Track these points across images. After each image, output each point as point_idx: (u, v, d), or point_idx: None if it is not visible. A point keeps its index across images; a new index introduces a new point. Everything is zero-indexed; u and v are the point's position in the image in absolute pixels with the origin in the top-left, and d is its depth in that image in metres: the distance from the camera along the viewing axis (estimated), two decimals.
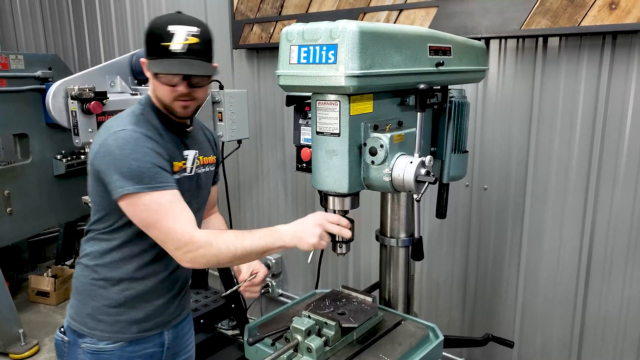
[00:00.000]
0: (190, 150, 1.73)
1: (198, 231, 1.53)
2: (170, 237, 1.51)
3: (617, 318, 2.46)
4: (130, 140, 1.52)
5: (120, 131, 1.54)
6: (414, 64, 1.58)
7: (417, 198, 1.52)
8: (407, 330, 1.78)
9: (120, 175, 1.49)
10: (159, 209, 1.51)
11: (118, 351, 1.70)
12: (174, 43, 1.56)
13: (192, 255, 1.50)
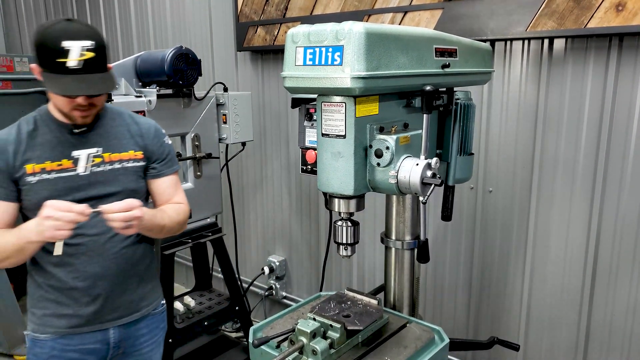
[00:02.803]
0: (84, 150, 1.77)
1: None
2: None
3: (623, 322, 2.45)
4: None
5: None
6: (420, 66, 1.58)
7: (423, 200, 1.52)
8: (412, 333, 1.77)
9: None
10: None
11: (50, 342, 1.81)
12: (70, 60, 1.57)
13: None
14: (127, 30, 4.60)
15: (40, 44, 1.59)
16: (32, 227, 1.58)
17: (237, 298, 3.34)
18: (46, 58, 1.58)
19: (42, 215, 1.53)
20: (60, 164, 1.73)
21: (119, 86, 2.80)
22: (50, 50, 1.57)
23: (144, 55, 3.11)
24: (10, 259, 1.66)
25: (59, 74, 1.58)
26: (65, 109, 1.68)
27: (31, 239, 1.59)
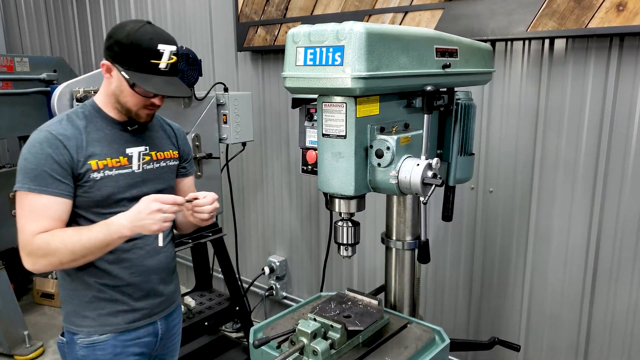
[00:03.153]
0: (136, 147, 1.80)
1: (39, 235, 1.60)
2: (20, 234, 1.62)
3: (624, 322, 2.44)
4: (33, 141, 1.64)
5: (35, 131, 1.67)
6: (420, 66, 1.57)
7: (424, 201, 1.52)
8: (413, 333, 1.77)
9: (16, 172, 1.64)
10: (27, 209, 1.62)
11: (111, 340, 1.81)
12: (162, 62, 1.67)
13: (32, 256, 1.61)
14: None
15: (133, 44, 1.63)
16: (124, 222, 1.59)
17: (238, 298, 3.33)
18: (138, 58, 1.64)
19: (150, 210, 1.57)
20: (119, 161, 1.75)
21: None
22: (145, 51, 1.64)
23: None
24: (88, 257, 1.63)
25: (149, 74, 1.66)
26: (135, 107, 1.72)
27: (124, 234, 1.60)
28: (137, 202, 1.69)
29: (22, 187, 1.61)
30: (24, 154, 1.62)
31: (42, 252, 1.59)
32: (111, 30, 1.69)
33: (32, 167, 1.60)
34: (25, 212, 1.62)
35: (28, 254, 1.62)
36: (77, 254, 1.59)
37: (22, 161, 1.62)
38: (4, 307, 3.62)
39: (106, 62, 1.69)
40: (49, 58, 4.31)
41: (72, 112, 1.75)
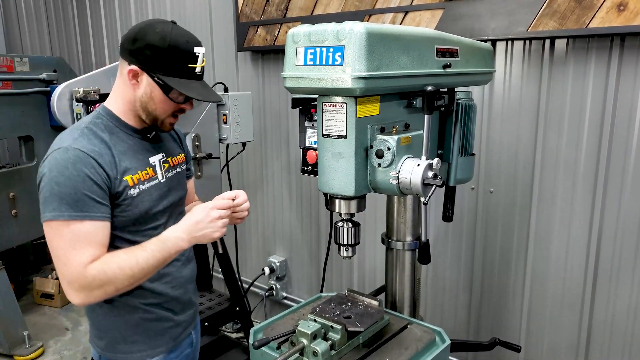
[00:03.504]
0: (156, 156, 1.69)
1: (91, 265, 1.45)
2: (66, 268, 1.44)
3: (624, 323, 2.44)
4: (63, 162, 1.44)
5: (56, 150, 1.47)
6: (421, 66, 1.57)
7: (425, 201, 1.51)
8: (413, 334, 1.76)
9: (43, 200, 1.44)
10: (68, 238, 1.44)
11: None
12: (198, 65, 1.58)
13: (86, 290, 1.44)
14: (127, 30, 4.59)
15: (171, 47, 1.52)
16: (182, 235, 1.54)
17: (238, 298, 3.33)
18: (177, 62, 1.53)
19: (210, 218, 1.56)
20: (147, 173, 1.63)
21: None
22: (183, 54, 1.54)
23: None
24: (144, 278, 1.53)
25: (187, 78, 1.57)
26: (164, 115, 1.62)
27: (182, 247, 1.55)
28: (167, 214, 1.67)
29: (60, 216, 1.42)
30: (54, 177, 1.43)
31: (99, 282, 1.45)
32: (135, 33, 1.55)
33: (69, 191, 1.43)
34: (68, 242, 1.44)
35: (80, 288, 1.44)
36: (135, 277, 1.49)
37: (52, 186, 1.42)
38: (3, 308, 3.61)
39: (134, 68, 1.54)
40: (49, 58, 4.30)
41: (89, 123, 1.57)
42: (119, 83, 1.62)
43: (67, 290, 1.46)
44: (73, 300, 1.47)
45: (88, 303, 1.50)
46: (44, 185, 1.44)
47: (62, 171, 1.43)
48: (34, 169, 4.01)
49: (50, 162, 1.46)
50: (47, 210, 1.43)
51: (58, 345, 3.86)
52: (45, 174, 1.45)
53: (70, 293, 1.46)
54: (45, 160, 1.48)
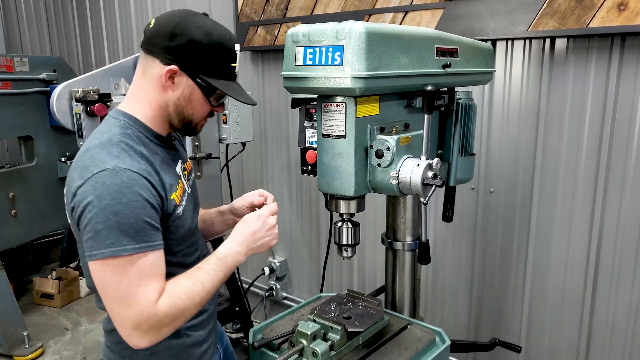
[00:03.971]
0: (178, 165, 1.52)
1: (160, 301, 1.26)
2: (130, 309, 1.23)
3: (625, 323, 2.43)
4: (117, 187, 1.23)
5: (101, 173, 1.24)
6: (421, 66, 1.57)
7: (424, 201, 1.51)
8: (413, 334, 1.76)
9: (94, 233, 1.21)
10: (133, 275, 1.23)
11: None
12: (237, 65, 1.43)
13: (156, 330, 1.25)
14: (127, 30, 4.59)
15: (217, 45, 1.35)
16: (239, 249, 1.42)
17: (238, 299, 3.33)
18: (221, 62, 1.38)
19: (268, 226, 1.47)
20: (180, 186, 1.46)
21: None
22: (228, 53, 1.38)
23: None
24: (205, 304, 1.37)
25: (229, 80, 1.42)
26: (200, 118, 1.46)
27: (241, 260, 1.43)
28: (196, 226, 1.53)
29: (123, 251, 1.21)
30: (109, 206, 1.20)
31: (170, 319, 1.26)
32: (173, 27, 1.33)
33: (130, 221, 1.22)
34: (133, 279, 1.23)
35: (150, 329, 1.24)
36: (202, 303, 1.33)
37: (108, 216, 1.20)
38: (3, 308, 3.61)
39: (174, 68, 1.33)
40: (49, 58, 4.30)
41: (121, 135, 1.34)
42: (146, 85, 1.39)
43: (132, 335, 1.24)
44: (137, 344, 1.25)
45: (152, 343, 1.27)
46: (92, 216, 1.21)
47: (118, 198, 1.22)
48: (34, 169, 4.02)
49: (96, 187, 1.22)
50: (103, 245, 1.21)
51: (58, 345, 3.85)
52: (91, 203, 1.21)
53: (135, 337, 1.24)
54: (84, 185, 1.23)
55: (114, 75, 3.04)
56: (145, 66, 1.39)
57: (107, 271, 1.22)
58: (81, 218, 1.24)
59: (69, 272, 4.65)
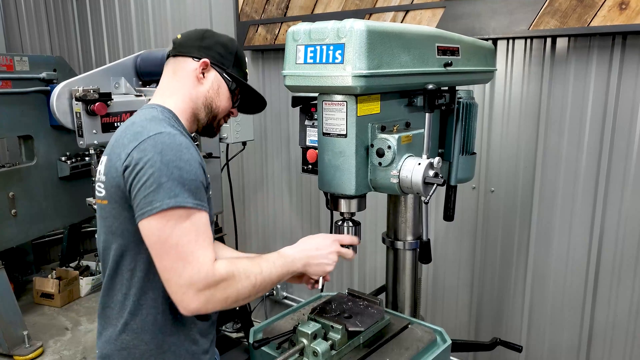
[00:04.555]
0: None
1: (218, 262, 1.27)
2: (188, 267, 1.22)
3: (626, 323, 2.43)
4: (178, 145, 1.28)
5: (157, 135, 1.29)
6: (422, 64, 1.56)
7: (426, 200, 1.50)
8: (414, 334, 1.75)
9: (157, 186, 1.22)
10: (192, 231, 1.24)
11: None
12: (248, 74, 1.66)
13: (210, 292, 1.23)
14: (127, 30, 4.59)
15: (238, 49, 1.59)
16: (297, 256, 1.44)
17: None
18: (240, 64, 1.59)
19: (331, 249, 1.49)
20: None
21: None
22: (244, 58, 1.62)
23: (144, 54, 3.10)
24: (259, 294, 1.35)
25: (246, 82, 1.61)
26: (223, 113, 1.59)
27: (297, 270, 1.44)
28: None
29: (184, 203, 1.23)
30: (172, 161, 1.24)
31: (225, 285, 1.25)
32: (202, 32, 1.54)
33: (192, 177, 1.26)
34: (192, 235, 1.24)
35: (205, 288, 1.22)
36: (256, 288, 1.31)
37: (171, 170, 1.24)
38: (3, 307, 3.60)
39: (206, 60, 1.49)
40: (49, 57, 4.29)
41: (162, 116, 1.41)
42: (178, 82, 1.50)
43: (186, 293, 1.22)
44: (189, 304, 1.23)
45: (204, 310, 1.24)
46: (154, 170, 1.23)
47: (179, 155, 1.26)
48: (34, 169, 4.02)
49: (156, 145, 1.26)
50: (167, 197, 1.22)
51: (58, 345, 3.85)
52: (153, 158, 1.24)
53: (189, 295, 1.22)
54: (142, 144, 1.27)
55: (114, 74, 3.03)
56: (176, 67, 1.53)
57: (168, 225, 1.22)
58: (139, 174, 1.25)
59: (69, 271, 4.64)
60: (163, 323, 1.40)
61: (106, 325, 1.46)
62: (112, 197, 1.35)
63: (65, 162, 4.19)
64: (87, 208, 3.05)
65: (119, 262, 1.39)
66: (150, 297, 1.39)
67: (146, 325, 1.39)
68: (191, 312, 1.25)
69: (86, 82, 2.83)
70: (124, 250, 1.38)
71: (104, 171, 1.38)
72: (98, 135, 2.76)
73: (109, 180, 1.35)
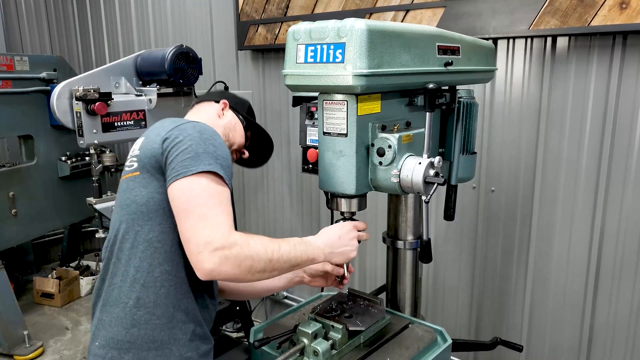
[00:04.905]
0: None
1: (235, 232, 1.33)
2: (208, 227, 1.27)
3: (627, 323, 2.43)
4: (209, 130, 1.45)
5: (193, 122, 1.46)
6: (422, 64, 1.56)
7: (426, 200, 1.50)
8: (414, 333, 1.75)
9: (195, 154, 1.35)
10: (217, 198, 1.33)
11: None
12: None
13: (223, 254, 1.25)
14: (127, 29, 4.59)
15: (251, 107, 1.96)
16: (321, 245, 1.48)
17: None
18: (252, 114, 1.93)
19: (352, 235, 1.55)
20: None
21: None
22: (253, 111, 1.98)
23: (144, 54, 3.10)
24: (274, 273, 1.38)
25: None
26: (236, 146, 1.83)
27: (319, 259, 1.47)
28: None
29: (216, 169, 1.35)
30: (209, 139, 1.41)
31: (238, 250, 1.28)
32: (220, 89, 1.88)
33: (223, 155, 1.41)
34: (216, 200, 1.33)
35: (219, 248, 1.25)
36: (272, 263, 1.34)
37: (208, 145, 1.38)
38: (3, 307, 3.60)
39: (225, 101, 1.82)
40: (49, 57, 4.29)
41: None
42: (202, 116, 1.77)
43: (201, 253, 1.26)
44: (203, 264, 1.26)
45: (218, 271, 1.26)
46: (192, 143, 1.37)
47: (214, 138, 1.43)
48: (34, 168, 4.02)
49: (195, 127, 1.43)
50: (202, 164, 1.34)
51: (58, 345, 3.85)
52: (192, 134, 1.39)
53: (204, 254, 1.25)
54: (181, 125, 1.44)
55: (114, 73, 3.03)
56: (199, 109, 1.82)
57: (199, 187, 1.33)
58: (178, 144, 1.38)
59: (69, 271, 4.64)
60: (175, 297, 1.44)
61: (111, 308, 1.45)
62: (144, 167, 1.45)
63: (66, 161, 4.19)
64: (88, 208, 3.05)
65: (137, 232, 1.43)
66: (165, 270, 1.43)
67: (159, 299, 1.42)
68: (206, 273, 1.27)
69: (86, 82, 2.83)
70: (144, 219, 1.43)
71: (139, 147, 1.49)
72: (98, 134, 2.76)
73: (144, 152, 1.46)
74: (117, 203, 1.53)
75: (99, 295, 1.51)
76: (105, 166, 3.19)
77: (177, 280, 1.44)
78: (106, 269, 1.50)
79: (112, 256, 1.48)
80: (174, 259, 1.43)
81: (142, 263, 1.43)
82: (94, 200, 2.97)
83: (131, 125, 2.87)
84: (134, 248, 1.44)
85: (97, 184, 3.00)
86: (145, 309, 1.42)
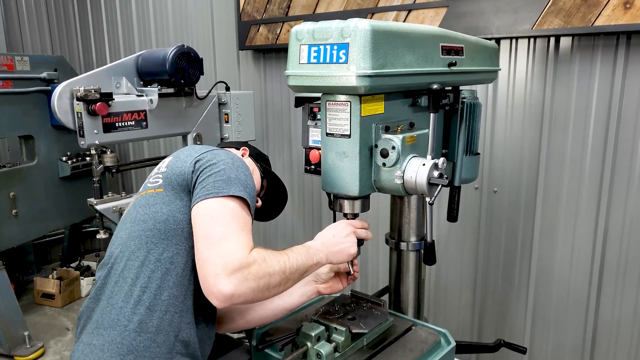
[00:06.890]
0: None
1: (254, 250, 1.31)
2: (227, 247, 1.26)
3: (630, 323, 2.42)
4: (239, 160, 1.50)
5: (224, 151, 1.54)
6: (426, 64, 1.55)
7: (430, 201, 1.49)
8: (418, 336, 1.74)
9: (227, 178, 1.39)
10: (241, 220, 1.34)
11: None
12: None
13: (242, 274, 1.22)
14: (128, 29, 4.58)
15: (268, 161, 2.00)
16: (320, 247, 1.47)
17: None
18: (268, 163, 1.97)
19: (347, 232, 1.52)
20: None
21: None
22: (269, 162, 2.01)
23: (145, 54, 3.08)
24: (288, 285, 1.36)
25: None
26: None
27: (321, 260, 1.45)
28: None
29: (245, 196, 1.38)
30: (239, 167, 1.46)
31: (256, 269, 1.25)
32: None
33: (250, 183, 1.45)
34: (241, 224, 1.33)
35: (237, 270, 1.22)
36: (286, 278, 1.33)
37: (239, 172, 1.43)
38: (4, 308, 3.59)
39: (246, 148, 1.86)
40: (50, 57, 4.28)
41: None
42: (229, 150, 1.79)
43: (219, 275, 1.21)
44: (221, 287, 1.20)
45: (237, 294, 1.22)
46: (225, 167, 1.42)
47: (243, 168, 1.47)
48: (35, 169, 4.01)
49: (228, 154, 1.50)
50: (233, 189, 1.38)
51: (58, 345, 3.84)
52: (224, 160, 1.45)
53: (222, 277, 1.21)
54: (214, 151, 1.51)
55: (115, 74, 3.01)
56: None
57: (225, 210, 1.34)
58: (212, 166, 1.43)
59: (69, 272, 4.63)
60: (178, 325, 1.40)
61: (105, 331, 1.37)
62: (170, 184, 1.46)
63: (66, 162, 4.18)
64: (88, 208, 3.04)
65: (149, 250, 1.40)
66: (173, 294, 1.39)
67: (163, 324, 1.37)
68: (224, 298, 1.21)
69: (87, 82, 2.81)
70: (159, 237, 1.41)
71: (166, 165, 1.53)
72: (99, 135, 2.74)
73: (172, 169, 1.48)
74: (130, 217, 1.48)
75: (89, 317, 1.43)
76: (106, 167, 3.18)
77: (183, 308, 1.41)
78: (102, 289, 1.42)
79: (114, 274, 1.41)
80: (184, 284, 1.40)
81: (151, 284, 1.37)
82: (95, 201, 2.96)
83: (132, 125, 2.85)
84: (144, 267, 1.38)
85: (98, 185, 2.99)
86: (146, 334, 1.35)
